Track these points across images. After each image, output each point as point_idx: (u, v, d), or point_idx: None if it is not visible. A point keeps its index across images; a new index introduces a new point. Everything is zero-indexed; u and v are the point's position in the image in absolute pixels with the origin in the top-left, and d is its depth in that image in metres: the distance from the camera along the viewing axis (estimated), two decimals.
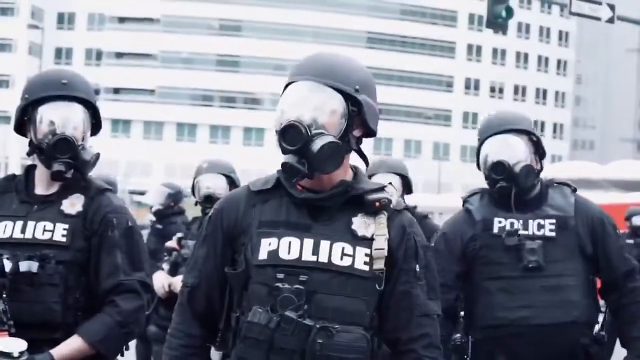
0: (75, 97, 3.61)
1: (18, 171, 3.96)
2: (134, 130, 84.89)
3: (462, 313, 4.23)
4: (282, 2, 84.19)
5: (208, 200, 5.93)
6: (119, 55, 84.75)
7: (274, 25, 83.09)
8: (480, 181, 4.33)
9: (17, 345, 3.27)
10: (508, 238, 4.07)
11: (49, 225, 3.54)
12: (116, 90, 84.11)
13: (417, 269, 2.85)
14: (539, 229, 4.08)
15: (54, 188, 3.64)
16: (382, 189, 2.84)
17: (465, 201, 4.25)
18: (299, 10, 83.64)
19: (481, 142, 4.22)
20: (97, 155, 3.62)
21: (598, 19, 19.01)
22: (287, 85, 2.85)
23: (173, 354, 2.90)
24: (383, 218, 2.81)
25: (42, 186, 3.66)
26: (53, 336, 3.48)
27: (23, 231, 3.54)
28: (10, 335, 3.37)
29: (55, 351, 3.45)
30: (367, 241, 2.78)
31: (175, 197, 9.28)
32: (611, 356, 5.52)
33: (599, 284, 4.31)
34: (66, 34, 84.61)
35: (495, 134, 4.16)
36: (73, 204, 3.59)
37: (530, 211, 4.14)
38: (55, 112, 3.59)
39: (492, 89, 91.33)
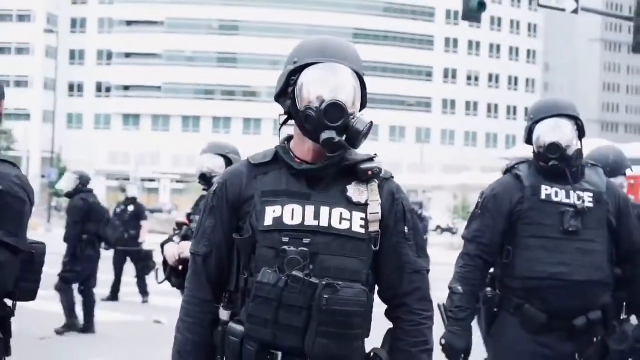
0: None
1: (38, 166, 3.80)
2: (143, 124, 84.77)
3: (491, 270, 4.42)
4: (276, 3, 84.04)
5: (202, 178, 5.96)
6: (128, 55, 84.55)
7: (268, 24, 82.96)
8: (459, 161, 4.36)
9: None
10: (553, 204, 4.26)
11: None
12: (126, 88, 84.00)
13: (406, 231, 2.86)
14: (578, 200, 4.28)
15: None
16: (371, 159, 2.84)
17: (513, 168, 4.40)
18: (291, 10, 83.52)
19: (534, 122, 4.37)
20: None
21: (563, 10, 18.96)
22: (305, 65, 2.79)
23: (191, 321, 2.88)
24: (375, 185, 2.82)
25: None
26: None
27: None
28: None
29: None
30: (362, 206, 2.79)
31: (81, 180, 11.02)
32: None
33: None
34: (79, 37, 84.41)
35: (549, 117, 4.32)
36: None
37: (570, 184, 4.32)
38: None
39: (469, 78, 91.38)
